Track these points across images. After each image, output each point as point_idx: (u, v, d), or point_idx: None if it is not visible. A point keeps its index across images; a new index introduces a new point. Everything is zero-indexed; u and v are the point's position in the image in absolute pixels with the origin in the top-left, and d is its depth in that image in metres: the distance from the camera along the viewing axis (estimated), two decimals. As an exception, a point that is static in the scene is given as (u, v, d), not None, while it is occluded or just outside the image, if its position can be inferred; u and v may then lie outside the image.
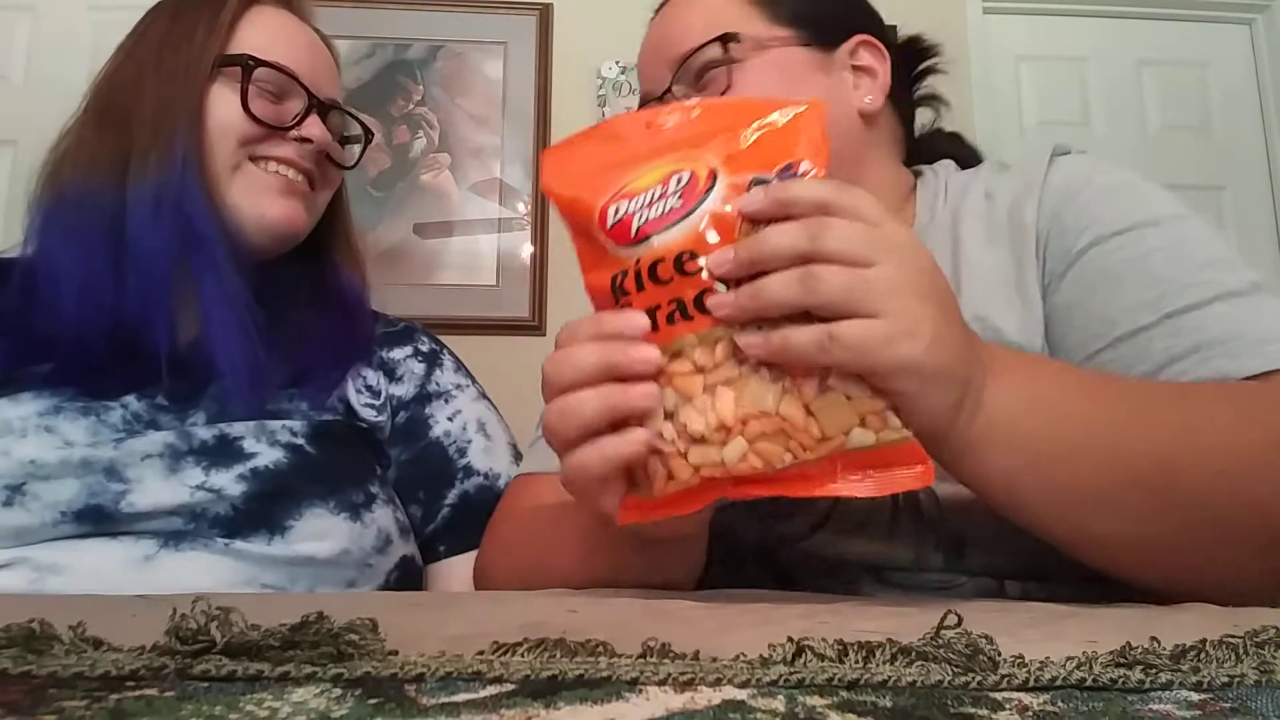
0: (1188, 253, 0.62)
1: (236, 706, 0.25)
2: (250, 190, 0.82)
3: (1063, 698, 0.27)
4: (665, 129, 0.52)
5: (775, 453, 0.45)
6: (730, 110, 0.52)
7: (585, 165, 0.52)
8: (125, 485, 0.72)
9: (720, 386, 0.46)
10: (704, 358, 0.46)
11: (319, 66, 0.88)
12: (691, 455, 0.46)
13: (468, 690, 0.27)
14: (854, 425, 0.45)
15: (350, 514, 0.76)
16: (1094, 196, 0.67)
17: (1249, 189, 2.67)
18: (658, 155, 0.50)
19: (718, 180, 0.48)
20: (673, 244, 0.47)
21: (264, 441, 0.76)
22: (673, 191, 0.48)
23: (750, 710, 0.25)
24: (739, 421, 0.45)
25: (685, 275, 0.46)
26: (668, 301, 0.47)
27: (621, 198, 0.49)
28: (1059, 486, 0.49)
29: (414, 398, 0.88)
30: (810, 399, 0.45)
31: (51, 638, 0.29)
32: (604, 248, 0.50)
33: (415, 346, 0.92)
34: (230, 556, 0.72)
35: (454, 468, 0.86)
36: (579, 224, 0.51)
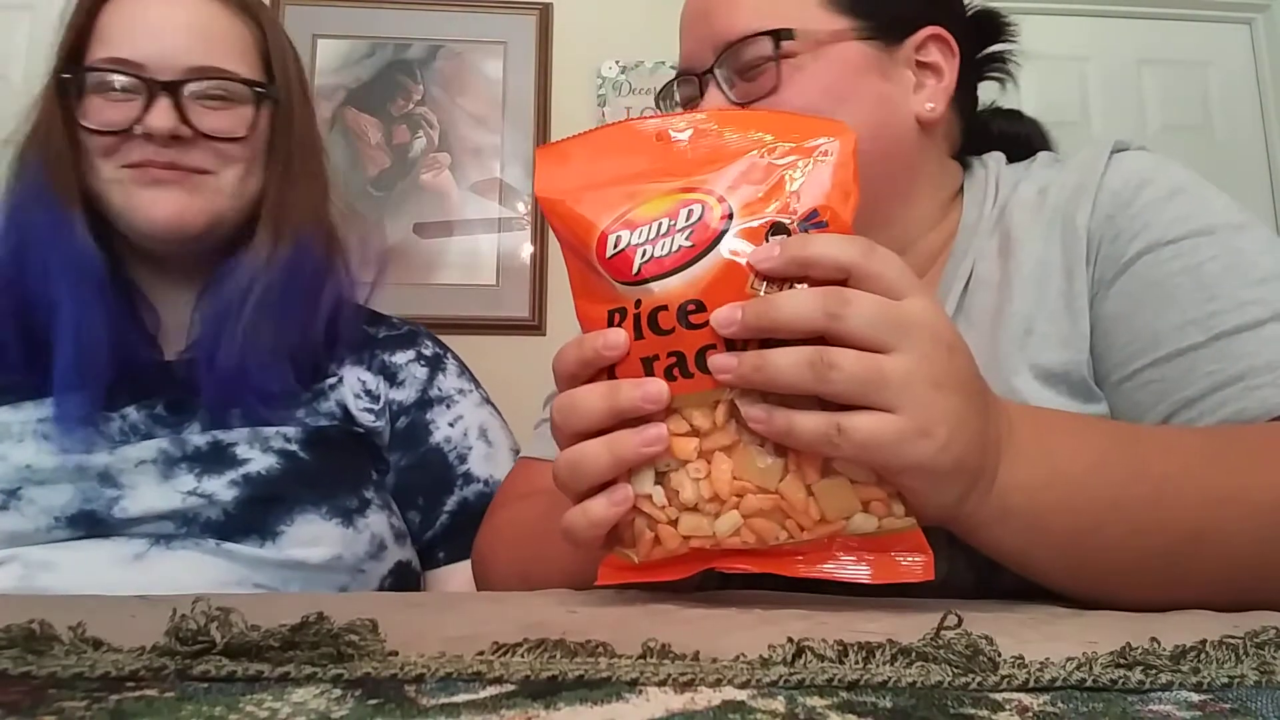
0: (1244, 266, 0.58)
1: (236, 707, 0.25)
2: (127, 196, 0.78)
3: (1063, 698, 0.27)
4: (678, 144, 0.47)
5: (770, 530, 0.43)
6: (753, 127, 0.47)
7: (585, 174, 0.48)
8: (119, 491, 0.72)
9: (717, 453, 0.43)
10: (702, 420, 0.43)
11: (170, 38, 0.79)
12: (682, 524, 0.44)
13: (468, 691, 0.27)
14: (856, 511, 0.43)
15: (343, 519, 0.76)
16: (1149, 201, 0.63)
17: (1249, 189, 2.67)
18: (668, 175, 0.46)
19: (733, 220, 0.44)
20: (677, 292, 0.43)
21: (257, 448, 0.76)
22: (682, 227, 0.44)
23: (750, 711, 0.25)
24: (734, 494, 0.43)
25: (690, 329, 0.43)
26: (666, 354, 0.43)
27: (624, 226, 0.45)
28: (1076, 561, 0.47)
29: (415, 403, 0.87)
30: (813, 480, 0.42)
31: (51, 638, 0.29)
32: (599, 275, 0.46)
33: (418, 350, 0.91)
34: (222, 557, 0.72)
35: (454, 474, 0.86)
36: (573, 243, 0.47)
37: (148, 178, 0.78)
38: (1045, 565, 0.48)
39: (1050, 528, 0.46)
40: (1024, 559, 0.48)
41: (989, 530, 0.46)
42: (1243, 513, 0.47)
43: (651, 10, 2.44)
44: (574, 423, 0.45)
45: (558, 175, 0.48)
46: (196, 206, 0.79)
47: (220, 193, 0.80)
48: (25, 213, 0.78)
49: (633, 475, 0.45)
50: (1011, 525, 0.46)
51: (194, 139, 0.78)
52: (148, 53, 0.78)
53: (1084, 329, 0.62)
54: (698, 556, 0.45)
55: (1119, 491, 0.47)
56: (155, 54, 0.78)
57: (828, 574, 0.43)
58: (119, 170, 0.78)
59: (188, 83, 0.78)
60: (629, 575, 0.46)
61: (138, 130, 0.77)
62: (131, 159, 0.77)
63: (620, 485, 0.45)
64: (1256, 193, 2.66)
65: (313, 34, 2.31)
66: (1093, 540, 0.47)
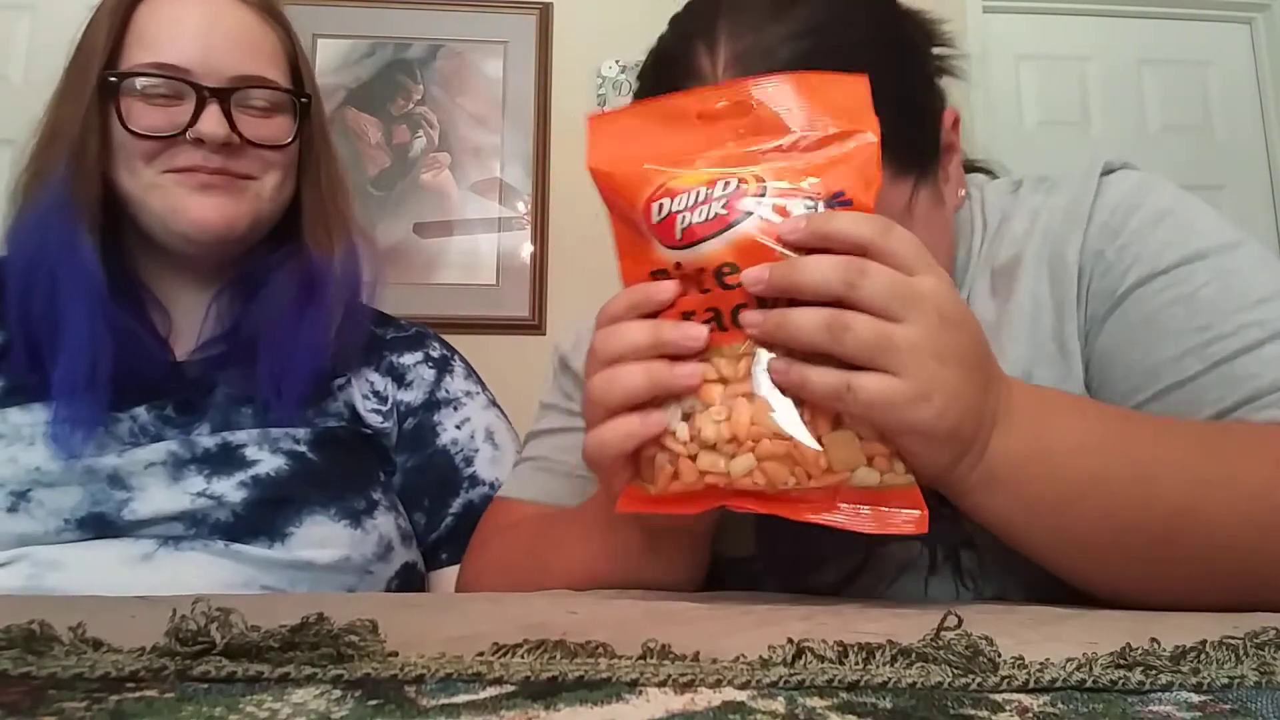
0: (1238, 289, 0.57)
1: (236, 708, 0.25)
2: (167, 198, 0.78)
3: (1063, 699, 0.27)
4: (718, 123, 0.51)
5: (780, 475, 0.46)
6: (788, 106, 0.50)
7: (633, 146, 0.51)
8: (128, 493, 0.72)
9: (739, 399, 0.46)
10: (729, 369, 0.47)
11: (215, 46, 0.80)
12: (700, 460, 0.47)
13: (468, 691, 0.27)
14: (860, 464, 0.46)
15: (351, 521, 0.76)
16: (1138, 229, 0.61)
17: (1249, 189, 2.67)
18: (710, 147, 0.50)
19: (766, 193, 0.47)
20: (715, 255, 0.47)
21: (266, 449, 0.76)
22: (719, 196, 0.48)
23: (750, 711, 0.25)
24: (751, 438, 0.46)
25: (725, 288, 0.47)
26: (704, 309, 0.47)
27: (664, 194, 0.49)
28: (1057, 533, 0.49)
29: (423, 404, 0.88)
30: (824, 431, 0.46)
31: (51, 639, 0.29)
32: (646, 238, 0.50)
33: (426, 352, 0.91)
34: (230, 558, 0.72)
35: (459, 477, 0.86)
36: (621, 209, 0.51)
37: (195, 182, 0.78)
38: (1028, 533, 0.50)
39: (1034, 497, 0.49)
40: (1008, 526, 0.50)
41: (976, 495, 0.49)
42: (1227, 497, 0.48)
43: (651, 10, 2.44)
44: (615, 346, 0.48)
45: (610, 148, 0.52)
46: (241, 211, 0.80)
47: (260, 197, 0.82)
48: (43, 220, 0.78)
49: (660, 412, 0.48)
50: (997, 492, 0.49)
51: (241, 146, 0.79)
52: (195, 59, 0.78)
53: (1078, 369, 0.61)
54: (711, 494, 0.48)
55: (1102, 466, 0.49)
56: (201, 60, 0.78)
57: (828, 520, 0.46)
58: (161, 175, 0.78)
59: (236, 90, 0.79)
60: (646, 505, 0.49)
61: (189, 136, 0.77)
62: (177, 164, 0.78)
63: (655, 410, 0.48)
64: (1256, 193, 2.67)
65: (313, 34, 2.31)
66: (1074, 512, 0.49)
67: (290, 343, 0.80)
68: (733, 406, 0.47)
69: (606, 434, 0.49)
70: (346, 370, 0.85)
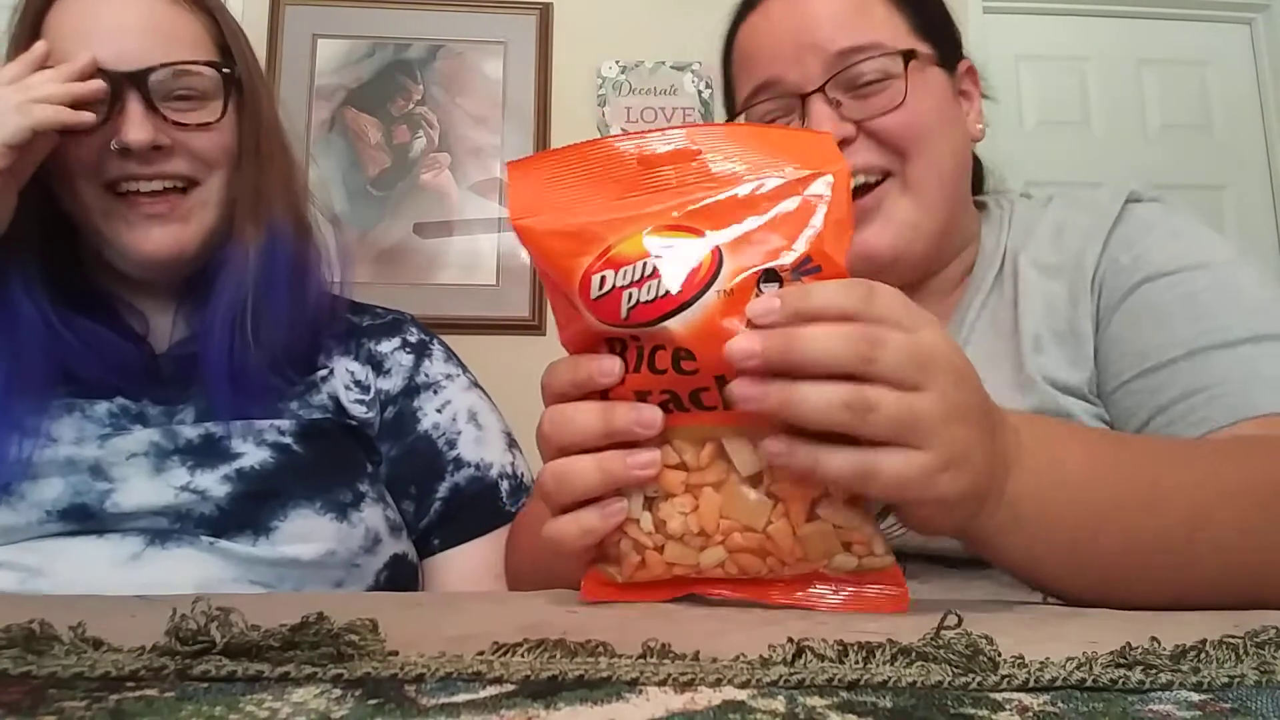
0: (1235, 296, 0.63)
1: (236, 707, 0.25)
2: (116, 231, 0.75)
3: (1063, 698, 0.27)
4: (660, 170, 0.45)
5: (754, 566, 0.44)
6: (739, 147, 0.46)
7: (561, 200, 0.46)
8: (110, 484, 0.72)
9: (706, 489, 0.44)
10: (690, 455, 0.44)
11: (125, 40, 0.75)
12: (668, 551, 0.45)
13: (468, 691, 0.27)
14: (838, 552, 0.44)
15: (337, 514, 0.76)
16: (1153, 241, 0.68)
17: (1249, 189, 2.67)
18: (651, 203, 0.44)
19: (723, 265, 0.42)
20: (666, 337, 0.42)
21: (250, 441, 0.76)
22: (666, 271, 0.43)
23: (750, 711, 0.25)
24: (721, 532, 0.44)
25: (681, 374, 0.43)
26: (659, 391, 0.43)
27: (607, 266, 0.43)
28: (1079, 560, 0.48)
29: (402, 390, 0.87)
30: (799, 524, 0.43)
31: (51, 638, 0.29)
32: (581, 314, 0.44)
33: (404, 338, 0.90)
34: (217, 555, 0.72)
35: (443, 460, 0.85)
36: (556, 280, 0.45)
37: (137, 212, 0.76)
38: (1053, 569, 0.49)
39: (1057, 531, 0.48)
40: (1033, 564, 0.49)
41: (999, 540, 0.47)
42: (1238, 506, 0.49)
43: (651, 10, 2.45)
44: (565, 436, 0.45)
45: (531, 199, 0.46)
46: (189, 234, 0.78)
47: (208, 205, 0.79)
48: None
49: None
50: (1021, 533, 0.47)
51: (173, 146, 0.76)
52: (108, 56, 0.74)
53: (1088, 352, 0.68)
54: (680, 582, 0.46)
55: (1119, 492, 0.49)
56: (113, 56, 0.74)
57: (804, 602, 0.45)
58: (104, 197, 0.75)
59: (151, 72, 0.75)
60: (611, 593, 0.47)
61: (114, 146, 0.74)
62: (111, 175, 0.75)
63: (614, 499, 0.45)
64: (1256, 193, 2.67)
65: (313, 34, 2.31)
66: (1094, 538, 0.48)
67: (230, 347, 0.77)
68: (699, 497, 0.44)
69: (565, 529, 0.46)
70: (327, 360, 0.85)
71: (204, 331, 0.78)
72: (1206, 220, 0.73)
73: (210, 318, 0.78)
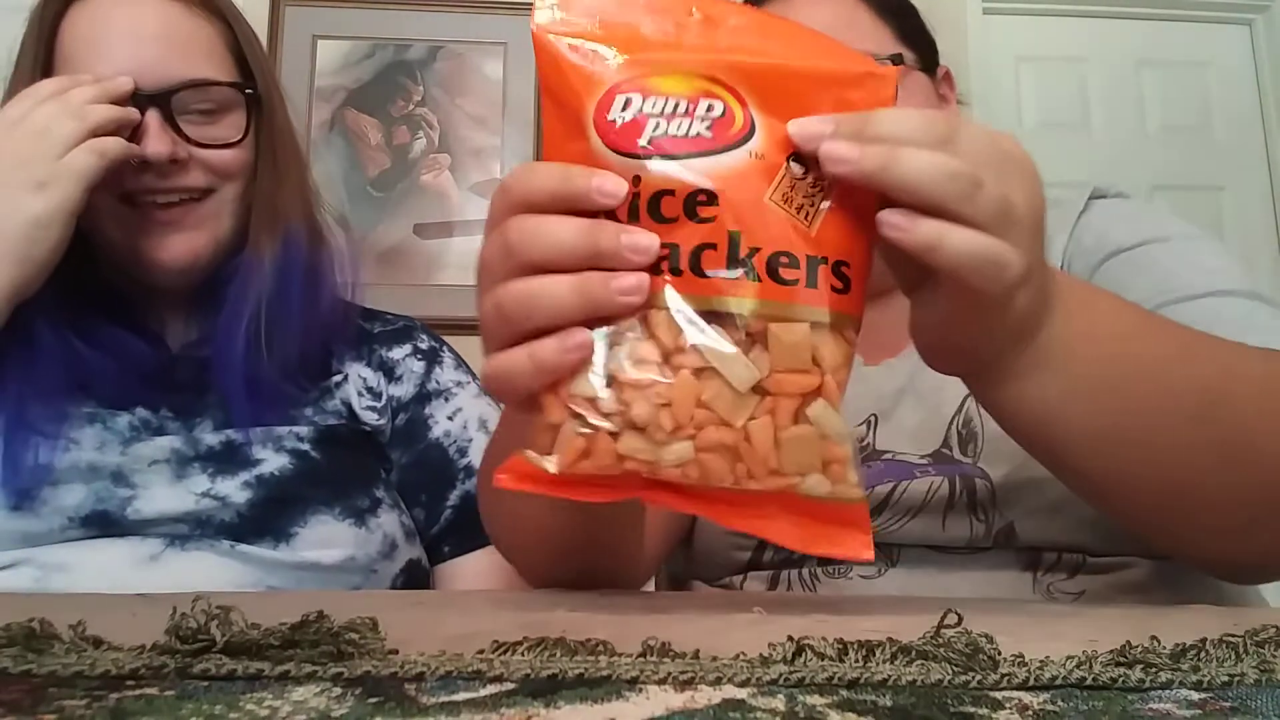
0: (1195, 261, 0.66)
1: (236, 705, 0.25)
2: (127, 235, 0.75)
3: (1063, 697, 0.27)
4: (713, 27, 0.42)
5: (719, 470, 0.39)
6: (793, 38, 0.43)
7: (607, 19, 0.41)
8: (132, 491, 0.72)
9: (684, 372, 0.38)
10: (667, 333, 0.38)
11: (146, 52, 0.74)
12: (623, 441, 0.38)
13: (468, 689, 0.27)
14: (815, 470, 0.39)
15: (356, 520, 0.76)
16: (1114, 223, 0.71)
17: (1249, 189, 2.67)
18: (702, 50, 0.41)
19: (755, 132, 0.39)
20: (688, 179, 0.38)
21: (270, 448, 0.76)
22: (701, 115, 0.39)
23: (750, 709, 0.25)
24: (695, 424, 0.38)
25: (696, 221, 0.38)
26: (659, 245, 0.38)
27: (636, 90, 0.39)
28: (1095, 419, 0.47)
29: (414, 398, 0.87)
30: (784, 425, 0.39)
31: (51, 637, 0.29)
32: (587, 136, 0.39)
33: (415, 344, 0.91)
34: (236, 559, 0.72)
35: (455, 468, 0.86)
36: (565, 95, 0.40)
37: (152, 220, 0.76)
38: (1065, 423, 0.47)
39: (1079, 381, 0.46)
40: (1045, 415, 0.47)
41: (1019, 382, 0.46)
42: (1256, 383, 0.50)
43: (651, 11, 2.44)
44: (536, 249, 0.38)
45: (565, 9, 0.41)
46: (202, 241, 0.78)
47: (222, 214, 0.79)
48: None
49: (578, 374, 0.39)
50: (1042, 377, 0.46)
51: (190, 160, 0.76)
52: (125, 70, 0.73)
53: None
54: (625, 481, 0.40)
55: (1144, 349, 0.49)
56: (131, 68, 0.73)
57: (757, 529, 0.41)
58: (118, 207, 0.75)
59: (175, 93, 0.75)
60: (538, 485, 0.40)
61: (134, 161, 0.73)
62: (128, 187, 0.75)
63: (577, 329, 0.38)
64: (1256, 193, 2.67)
65: (313, 34, 2.31)
66: (1116, 396, 0.47)
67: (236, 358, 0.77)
68: (676, 381, 0.38)
69: (513, 363, 0.39)
70: (340, 366, 0.85)
71: (218, 340, 0.78)
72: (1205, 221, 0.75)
73: (224, 326, 0.78)
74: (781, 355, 0.39)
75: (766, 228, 0.39)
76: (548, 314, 0.38)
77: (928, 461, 0.70)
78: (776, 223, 0.39)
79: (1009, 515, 0.66)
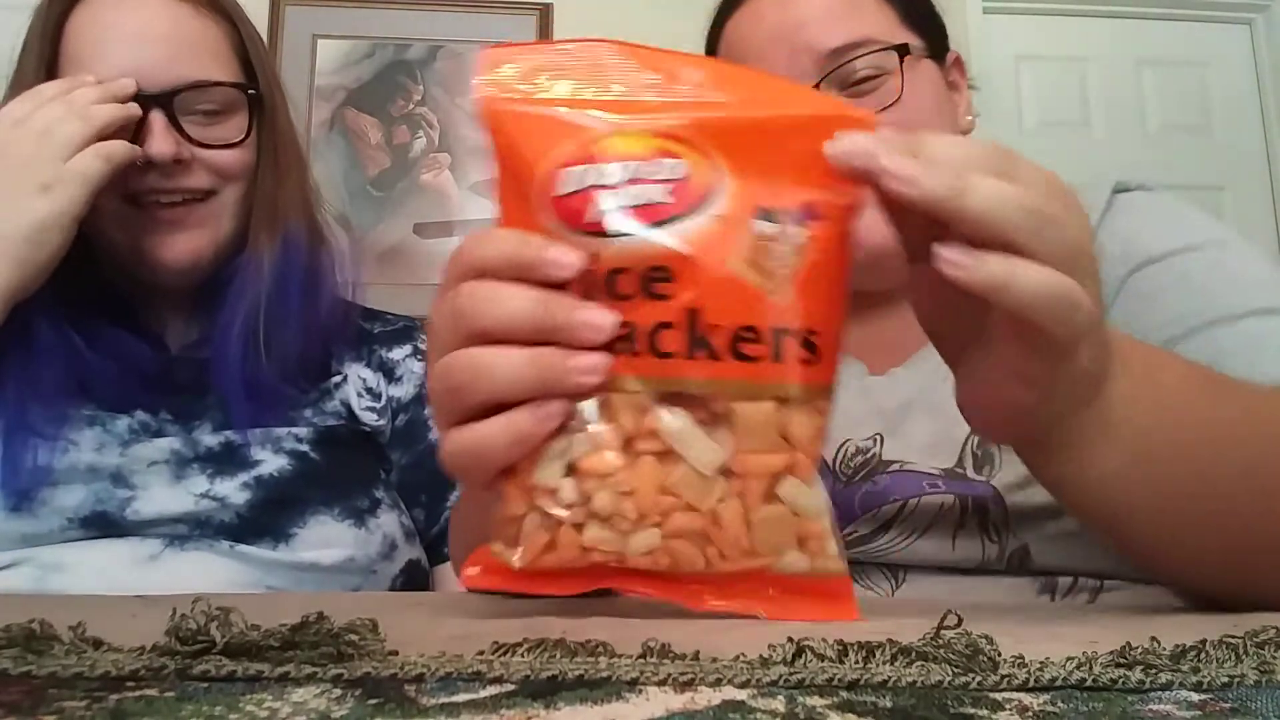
0: (1228, 273, 0.62)
1: (236, 707, 0.25)
2: (129, 235, 0.75)
3: (1063, 698, 0.27)
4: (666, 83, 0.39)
5: (689, 557, 0.37)
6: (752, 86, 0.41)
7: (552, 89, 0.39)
8: (131, 492, 0.72)
9: (646, 458, 0.37)
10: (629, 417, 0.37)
11: (150, 52, 0.75)
12: (587, 532, 0.37)
13: (468, 690, 0.27)
14: (791, 547, 0.38)
15: (355, 520, 0.76)
16: (1141, 227, 0.66)
17: (1249, 189, 2.67)
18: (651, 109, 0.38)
19: (719, 192, 0.37)
20: (644, 254, 0.36)
21: (269, 449, 0.76)
22: (659, 179, 0.37)
23: (750, 710, 0.25)
24: (659, 511, 0.37)
25: (652, 298, 0.36)
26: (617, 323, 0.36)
27: (585, 161, 0.37)
28: (1163, 487, 0.44)
29: (414, 398, 0.87)
30: (754, 505, 0.37)
31: (51, 638, 0.29)
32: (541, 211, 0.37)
33: (415, 345, 0.91)
34: (236, 559, 0.72)
35: None
36: (515, 169, 0.39)
37: (154, 220, 0.76)
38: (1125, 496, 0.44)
39: (1147, 450, 0.44)
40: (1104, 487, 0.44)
41: (1081, 448, 0.43)
42: None
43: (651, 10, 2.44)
44: (488, 317, 0.37)
45: (511, 79, 0.39)
46: (204, 242, 0.78)
47: (224, 214, 0.79)
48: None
49: (537, 463, 0.37)
50: (1108, 446, 0.42)
51: (193, 161, 0.76)
52: (129, 69, 0.74)
53: None
54: (593, 572, 0.39)
55: (1212, 410, 0.46)
56: (136, 70, 0.74)
57: (737, 609, 0.39)
58: (122, 207, 0.76)
59: (179, 93, 0.75)
60: (503, 582, 0.39)
61: (138, 161, 0.74)
62: (131, 187, 0.75)
63: (556, 400, 0.36)
64: (1256, 193, 2.67)
65: (313, 34, 2.31)
66: (1185, 463, 0.44)
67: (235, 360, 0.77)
68: (638, 468, 0.36)
69: (489, 435, 0.37)
70: (339, 367, 0.85)
71: (217, 342, 0.78)
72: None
73: (223, 328, 0.78)
74: (747, 436, 0.37)
75: (728, 300, 0.36)
76: (499, 386, 0.37)
77: (940, 474, 0.66)
78: (739, 293, 0.37)
79: (1024, 538, 0.63)
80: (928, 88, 0.72)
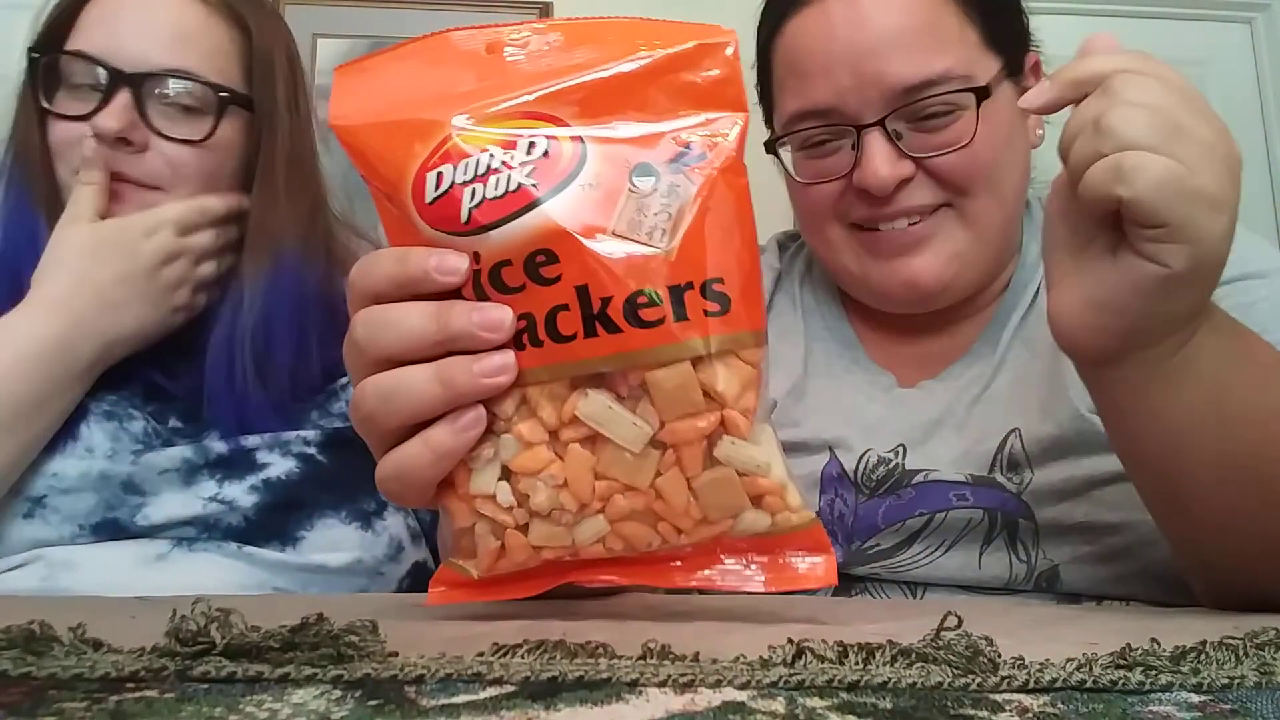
0: None
1: (236, 708, 0.25)
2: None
3: (1063, 699, 0.27)
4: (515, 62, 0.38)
5: (642, 537, 0.37)
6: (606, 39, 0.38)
7: (393, 97, 0.38)
8: (142, 499, 0.72)
9: (573, 446, 0.36)
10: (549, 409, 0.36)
11: (142, 34, 0.74)
12: (533, 531, 0.37)
13: (468, 692, 0.27)
14: (745, 508, 0.37)
15: (362, 523, 0.76)
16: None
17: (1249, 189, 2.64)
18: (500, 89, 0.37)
19: (587, 156, 0.36)
20: (521, 238, 0.35)
21: (277, 452, 0.76)
22: (520, 162, 0.36)
23: (750, 712, 0.25)
24: (599, 497, 0.36)
25: (541, 284, 0.35)
26: (514, 318, 0.36)
27: (444, 161, 0.36)
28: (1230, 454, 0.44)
29: None
30: (694, 474, 0.36)
31: (51, 639, 0.29)
32: (415, 223, 0.37)
33: None
34: (243, 560, 0.72)
35: None
36: (382, 186, 0.38)
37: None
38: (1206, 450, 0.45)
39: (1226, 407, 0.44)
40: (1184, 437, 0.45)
41: (1165, 387, 0.44)
42: None
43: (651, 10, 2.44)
44: (385, 343, 0.37)
45: (359, 98, 0.38)
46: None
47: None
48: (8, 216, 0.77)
49: (471, 472, 0.37)
50: (1191, 388, 0.44)
51: (145, 149, 0.74)
52: (113, 45, 0.74)
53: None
54: (552, 569, 0.38)
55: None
56: (119, 47, 0.73)
57: (710, 582, 0.38)
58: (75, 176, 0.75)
59: (150, 78, 0.74)
60: (466, 594, 0.39)
61: (87, 131, 0.73)
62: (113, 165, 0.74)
63: (469, 409, 0.36)
64: (1256, 193, 2.67)
65: (313, 34, 2.31)
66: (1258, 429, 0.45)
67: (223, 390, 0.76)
68: (567, 458, 0.36)
69: (411, 457, 0.37)
70: None
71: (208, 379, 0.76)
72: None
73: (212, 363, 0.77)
74: (668, 404, 0.36)
75: (614, 269, 0.35)
76: (411, 407, 0.36)
77: (968, 481, 0.64)
78: (625, 259, 0.35)
79: (1053, 558, 0.62)
80: (1002, 120, 0.67)
